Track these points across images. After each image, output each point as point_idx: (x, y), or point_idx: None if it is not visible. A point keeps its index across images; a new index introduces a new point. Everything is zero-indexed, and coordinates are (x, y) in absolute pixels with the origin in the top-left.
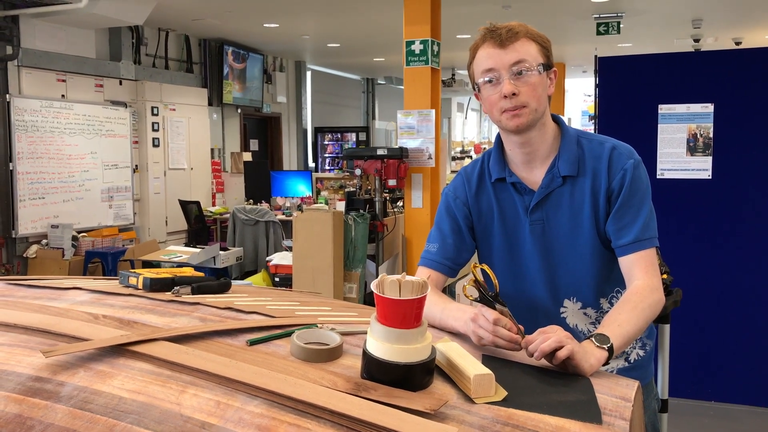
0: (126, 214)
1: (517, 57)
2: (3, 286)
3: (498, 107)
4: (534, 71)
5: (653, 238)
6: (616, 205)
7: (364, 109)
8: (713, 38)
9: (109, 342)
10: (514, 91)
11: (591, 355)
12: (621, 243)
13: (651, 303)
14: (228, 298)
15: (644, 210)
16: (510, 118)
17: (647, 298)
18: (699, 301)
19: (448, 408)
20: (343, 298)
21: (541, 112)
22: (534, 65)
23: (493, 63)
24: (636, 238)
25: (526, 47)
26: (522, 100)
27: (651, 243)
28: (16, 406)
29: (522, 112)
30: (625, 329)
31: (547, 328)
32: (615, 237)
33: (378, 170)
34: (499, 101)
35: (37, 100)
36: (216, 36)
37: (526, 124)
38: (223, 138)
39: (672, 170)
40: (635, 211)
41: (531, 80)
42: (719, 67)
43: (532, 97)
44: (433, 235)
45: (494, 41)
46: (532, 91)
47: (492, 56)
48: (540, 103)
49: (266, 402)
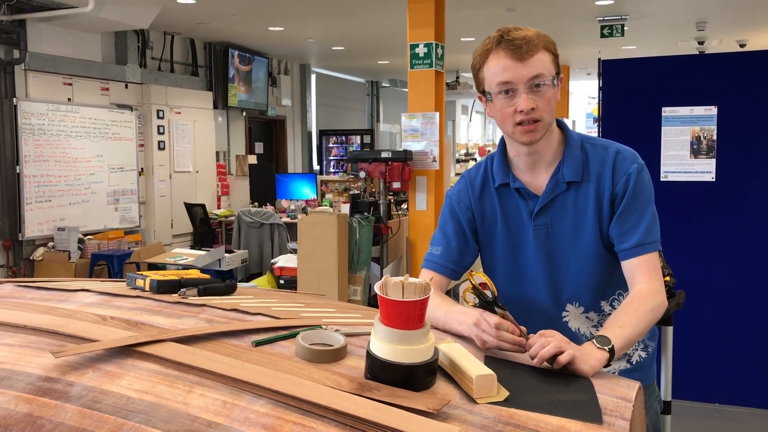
0: (132, 217)
1: (536, 72)
2: (12, 288)
3: (512, 120)
4: (549, 85)
5: (656, 242)
6: (619, 209)
7: (369, 111)
8: (718, 40)
9: (117, 343)
10: (532, 107)
11: (591, 356)
12: (624, 247)
13: (653, 306)
14: (234, 300)
15: (647, 214)
16: (524, 133)
17: (649, 302)
18: (703, 303)
19: (451, 408)
20: (348, 300)
21: (552, 123)
22: (549, 78)
23: (510, 76)
24: (639, 242)
25: (543, 60)
26: (538, 114)
27: (654, 247)
28: (27, 406)
29: (537, 126)
30: (627, 332)
31: (545, 332)
32: (618, 241)
33: (382, 173)
34: (514, 114)
35: (43, 104)
36: (221, 39)
37: (539, 138)
38: (229, 141)
39: (675, 173)
40: (638, 216)
41: (547, 94)
42: (722, 70)
43: (547, 112)
44: (437, 238)
45: (512, 52)
46: (547, 105)
47: (509, 69)
48: (552, 116)
49: (272, 402)
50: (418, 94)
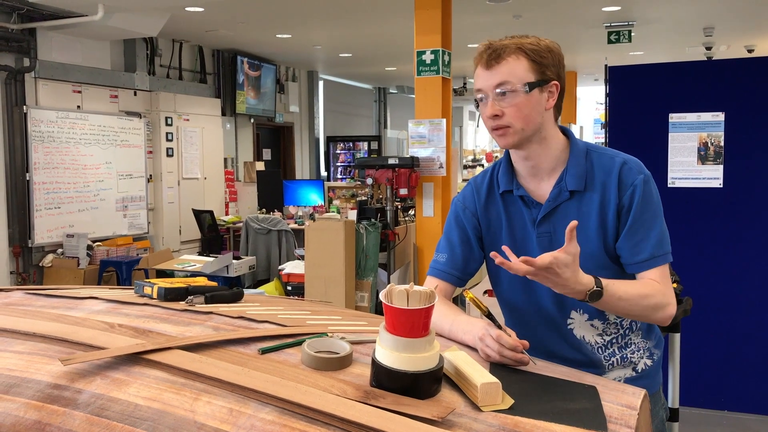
0: (140, 224)
1: (500, 79)
2: (22, 296)
3: (488, 125)
4: (519, 91)
5: (668, 253)
6: (628, 221)
7: (376, 118)
8: (725, 46)
9: (125, 350)
10: (496, 113)
11: (576, 269)
12: (636, 260)
13: (656, 304)
14: (240, 308)
15: (657, 226)
16: (497, 137)
17: (655, 298)
18: (711, 309)
19: (456, 416)
20: (355, 306)
21: (530, 130)
22: (518, 85)
23: (480, 84)
24: (651, 254)
25: (511, 67)
26: (505, 121)
27: (666, 259)
28: (36, 413)
29: (506, 132)
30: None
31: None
32: (630, 254)
33: (389, 179)
34: (488, 120)
35: (53, 111)
36: (229, 47)
37: (512, 143)
38: (236, 147)
39: (683, 179)
40: (648, 228)
41: (515, 101)
42: (729, 76)
43: (516, 118)
44: (442, 245)
45: (484, 61)
46: (517, 112)
47: (479, 77)
48: (527, 122)
49: (278, 409)
50: (425, 101)
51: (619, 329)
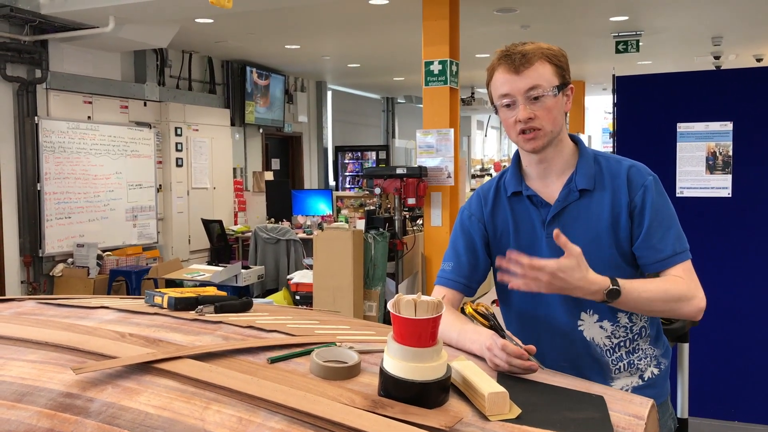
0: (150, 233)
1: (531, 83)
2: (34, 305)
3: (514, 129)
4: (549, 95)
5: (687, 250)
6: (644, 222)
7: (384, 127)
8: (734, 55)
9: (135, 359)
10: (530, 116)
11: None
12: (659, 257)
13: (680, 296)
14: (250, 317)
15: (674, 224)
16: (526, 141)
17: (679, 290)
18: (720, 319)
19: (463, 425)
20: (363, 316)
21: (556, 132)
22: (548, 89)
23: (508, 89)
24: (673, 251)
25: (540, 71)
26: (537, 123)
27: (687, 255)
28: (48, 421)
29: (537, 134)
30: (641, 288)
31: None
32: (651, 253)
33: (397, 189)
34: (516, 124)
35: (64, 122)
36: (238, 57)
37: (541, 146)
38: (245, 157)
39: (691, 188)
40: (666, 227)
41: (546, 104)
42: (737, 85)
43: (548, 120)
44: (448, 254)
45: (509, 66)
46: (547, 115)
47: (507, 82)
48: (555, 124)
49: (287, 418)
50: (433, 111)
51: (627, 333)
